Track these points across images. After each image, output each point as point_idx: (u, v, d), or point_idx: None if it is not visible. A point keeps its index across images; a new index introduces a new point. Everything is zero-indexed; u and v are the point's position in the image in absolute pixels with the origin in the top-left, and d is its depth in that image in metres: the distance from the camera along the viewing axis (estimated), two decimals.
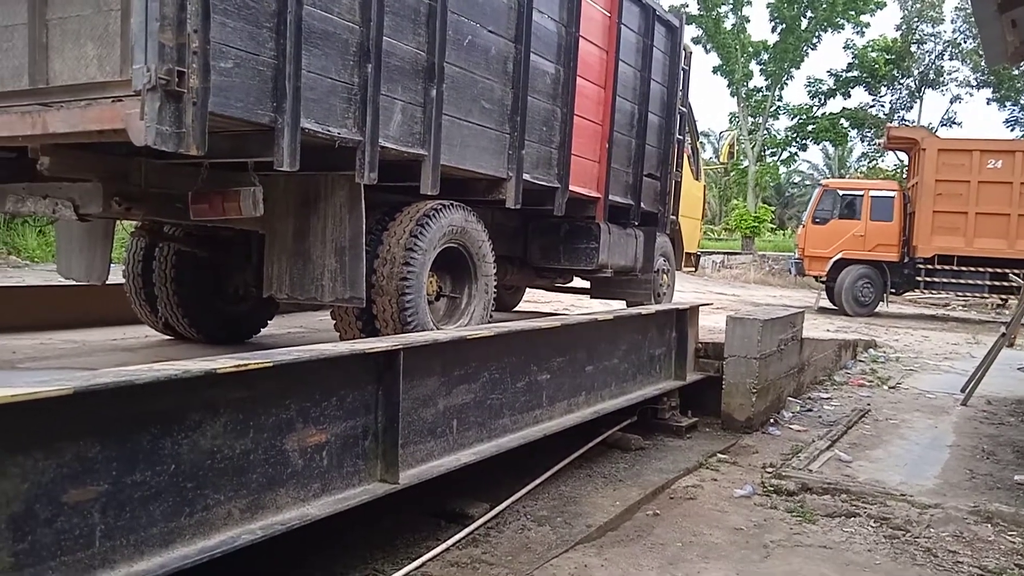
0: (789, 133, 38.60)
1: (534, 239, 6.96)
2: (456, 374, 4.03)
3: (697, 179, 10.57)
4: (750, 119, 38.21)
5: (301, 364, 3.12)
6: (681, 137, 8.57)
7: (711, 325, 8.11)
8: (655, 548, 4.10)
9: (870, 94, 38.00)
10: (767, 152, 38.81)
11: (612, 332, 5.78)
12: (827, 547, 4.23)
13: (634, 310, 6.47)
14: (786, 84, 38.26)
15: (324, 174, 4.42)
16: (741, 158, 35.41)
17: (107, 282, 5.30)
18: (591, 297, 8.80)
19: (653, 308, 6.78)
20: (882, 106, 38.35)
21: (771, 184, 41.10)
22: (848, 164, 46.36)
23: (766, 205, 37.31)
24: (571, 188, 6.24)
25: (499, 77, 5.37)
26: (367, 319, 4.96)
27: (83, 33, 3.51)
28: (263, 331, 6.30)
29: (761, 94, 37.94)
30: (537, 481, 4.93)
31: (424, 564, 3.71)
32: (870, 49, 35.77)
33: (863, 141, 40.53)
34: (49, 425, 2.31)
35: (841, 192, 18.70)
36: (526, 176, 5.66)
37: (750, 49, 36.79)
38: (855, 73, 36.75)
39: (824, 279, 18.36)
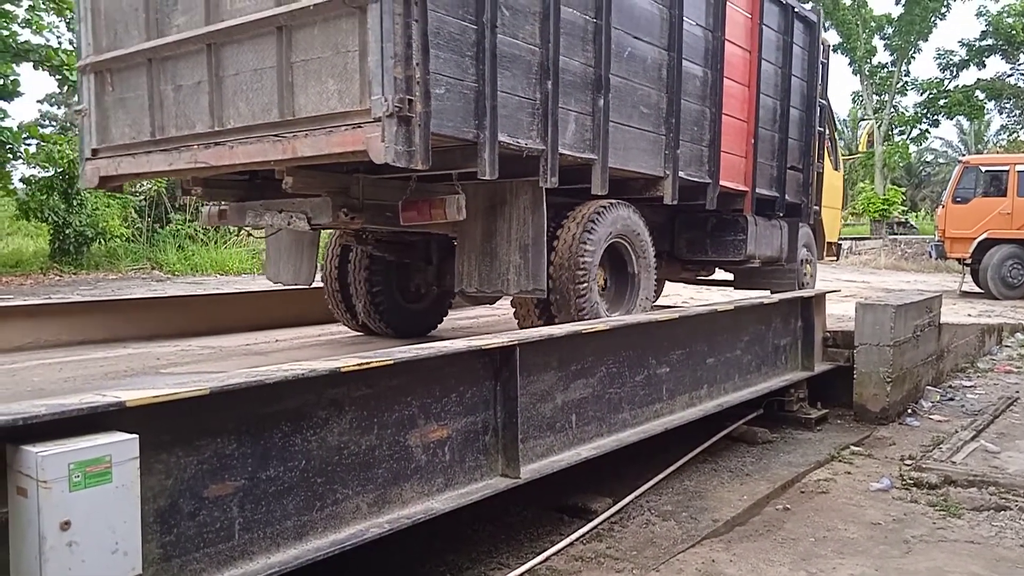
0: (919, 109, 36.51)
1: (681, 233, 7.13)
2: (573, 369, 4.02)
3: (836, 169, 10.42)
4: (875, 97, 36.44)
5: (420, 361, 3.18)
6: (822, 129, 8.71)
7: (840, 313, 7.78)
8: (786, 543, 3.97)
9: (1007, 62, 35.44)
10: (895, 131, 36.91)
11: (733, 323, 5.63)
12: (974, 542, 3.98)
13: (756, 299, 6.28)
14: (913, 58, 36.28)
15: (510, 180, 4.85)
16: (876, 146, 33.80)
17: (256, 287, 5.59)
18: (735, 288, 8.69)
19: (776, 297, 6.56)
20: (1022, 75, 35.75)
21: (900, 164, 39.05)
22: (986, 139, 43.53)
23: (896, 187, 35.45)
24: (721, 183, 6.54)
25: (655, 83, 5.76)
26: (544, 308, 5.44)
27: (324, 72, 4.06)
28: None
29: (886, 70, 36.11)
30: (661, 475, 4.87)
31: (549, 558, 3.72)
32: (1006, 14, 33.40)
33: (1002, 113, 37.96)
34: (189, 424, 2.44)
35: (984, 168, 17.54)
36: (681, 174, 6.01)
37: (872, 24, 35.06)
38: (990, 41, 34.34)
39: (968, 261, 17.28)
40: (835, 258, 10.85)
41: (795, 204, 8.02)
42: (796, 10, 7.65)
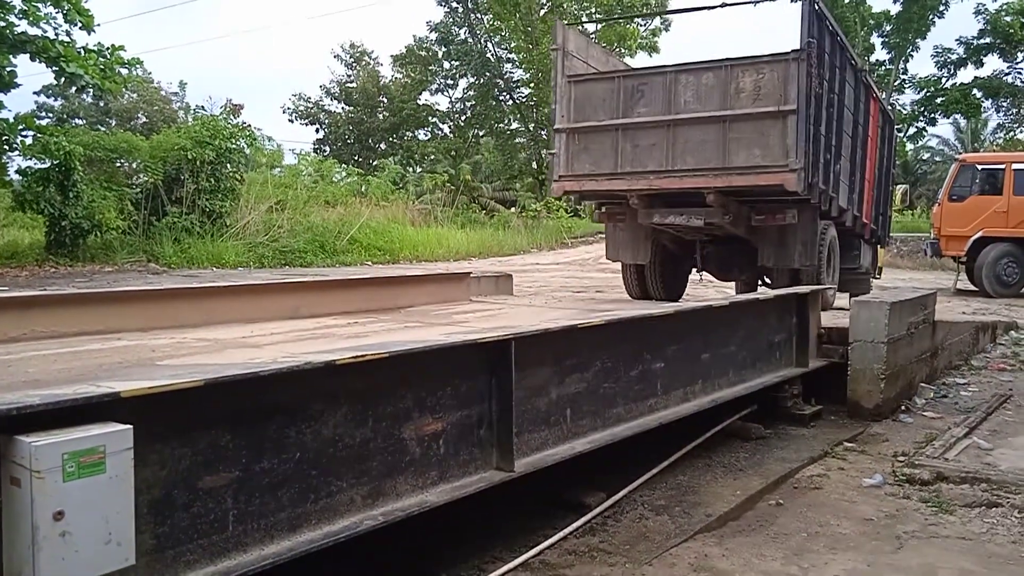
0: (916, 107, 36.54)
1: None
2: (568, 363, 4.03)
3: None
4: None
5: (416, 354, 3.18)
6: (892, 188, 13.26)
7: (834, 309, 7.81)
8: (779, 538, 3.99)
9: (1005, 61, 35.38)
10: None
11: (728, 319, 5.64)
12: (966, 539, 4.00)
13: (751, 296, 6.34)
14: (911, 56, 36.33)
15: (800, 203, 8.35)
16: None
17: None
18: None
19: (771, 293, 6.59)
20: (1019, 73, 35.72)
21: (897, 162, 39.10)
22: (982, 137, 43.58)
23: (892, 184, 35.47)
24: (864, 218, 10.75)
25: (848, 156, 9.63)
26: (793, 279, 8.51)
27: (752, 143, 8.03)
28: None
29: (884, 68, 36.14)
30: (655, 470, 4.88)
31: (542, 552, 3.73)
32: (1004, 13, 33.41)
33: (999, 112, 38.02)
34: (184, 415, 2.44)
35: (980, 166, 17.57)
36: (852, 209, 9.96)
37: (871, 21, 35.09)
38: (988, 40, 34.35)
39: (963, 259, 17.30)
40: (879, 277, 13.95)
41: (879, 235, 12.44)
42: (890, 115, 12.54)
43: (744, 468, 5.20)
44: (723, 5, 9.90)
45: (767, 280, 9.83)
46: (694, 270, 10.36)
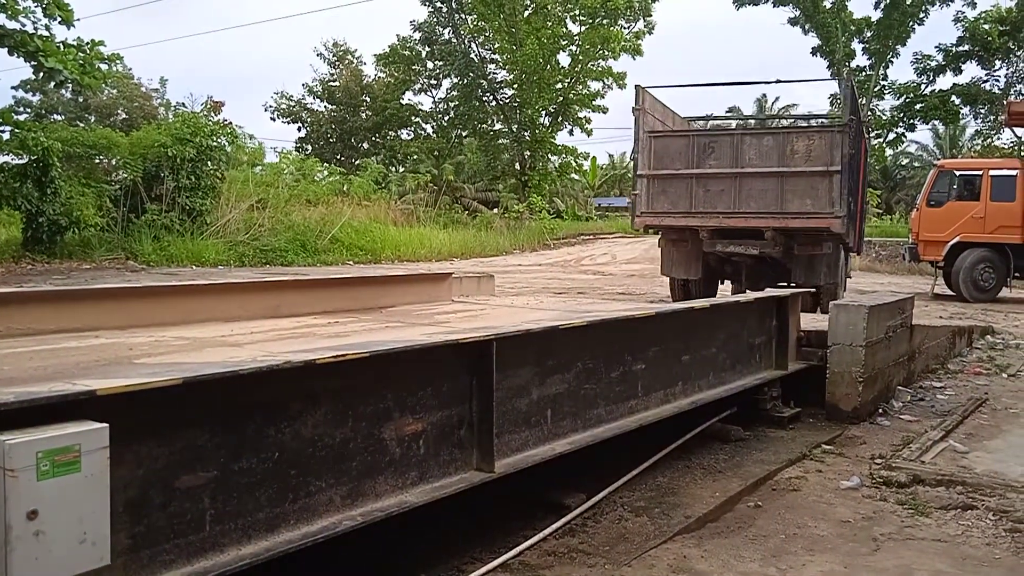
0: (895, 113, 36.90)
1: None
2: (550, 364, 4.03)
3: None
4: None
5: (397, 354, 3.17)
6: (867, 203, 16.44)
7: (813, 314, 7.85)
8: (757, 540, 4.00)
9: (983, 69, 35.88)
10: (872, 134, 37.28)
11: (709, 321, 5.66)
12: (942, 541, 4.04)
13: (732, 298, 6.35)
14: (891, 62, 36.66)
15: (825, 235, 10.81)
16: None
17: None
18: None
19: (752, 296, 6.62)
20: (997, 81, 36.18)
21: (876, 167, 39.48)
22: (960, 144, 44.10)
23: (871, 189, 35.80)
24: (856, 235, 13.07)
25: (854, 192, 11.48)
26: (815, 293, 9.66)
27: (804, 195, 10.53)
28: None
29: (864, 74, 36.45)
30: (634, 472, 4.89)
31: (522, 553, 3.73)
32: (983, 21, 33.81)
33: (976, 119, 38.48)
34: (161, 414, 2.41)
35: (958, 172, 17.77)
36: (854, 231, 12.18)
37: (852, 27, 35.38)
38: (966, 47, 34.78)
39: (940, 264, 17.48)
40: (851, 277, 15.37)
41: (859, 244, 14.65)
42: (870, 140, 14.53)
43: (723, 470, 5.22)
44: (777, 82, 14.37)
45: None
46: (727, 282, 12.92)
